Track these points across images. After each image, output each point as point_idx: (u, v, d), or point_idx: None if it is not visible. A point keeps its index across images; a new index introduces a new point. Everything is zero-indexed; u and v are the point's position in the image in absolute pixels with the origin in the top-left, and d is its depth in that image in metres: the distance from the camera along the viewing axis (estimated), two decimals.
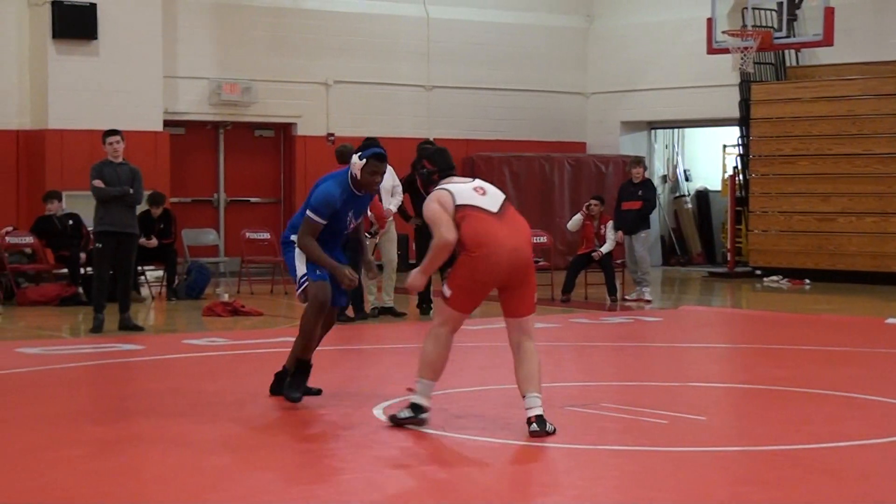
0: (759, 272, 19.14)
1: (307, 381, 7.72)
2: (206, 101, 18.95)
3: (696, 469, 6.12)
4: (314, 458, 6.38)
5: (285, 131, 20.00)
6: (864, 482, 5.83)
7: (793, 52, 19.77)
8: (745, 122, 19.66)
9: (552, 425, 6.69)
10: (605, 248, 15.22)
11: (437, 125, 20.58)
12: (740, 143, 20.06)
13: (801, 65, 19.86)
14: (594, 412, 7.33)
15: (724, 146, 22.05)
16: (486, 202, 6.88)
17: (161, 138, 18.04)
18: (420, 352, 6.94)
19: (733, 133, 20.67)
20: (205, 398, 7.98)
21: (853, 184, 18.29)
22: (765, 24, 18.98)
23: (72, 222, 15.60)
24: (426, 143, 13.92)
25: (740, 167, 20.12)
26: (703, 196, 22.88)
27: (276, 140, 20.10)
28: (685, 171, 23.14)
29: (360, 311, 12.97)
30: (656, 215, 20.14)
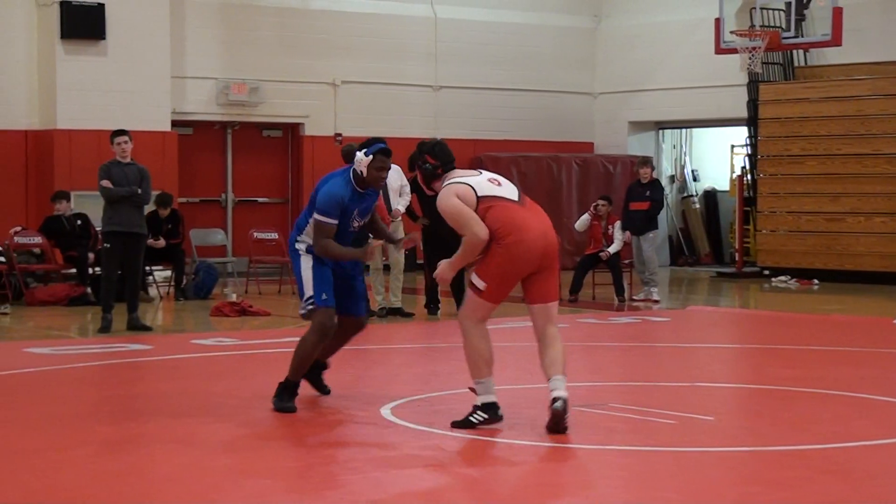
0: (767, 272, 19.11)
1: (296, 396, 7.51)
2: (214, 101, 18.98)
3: (704, 469, 6.11)
4: (321, 459, 6.38)
5: (293, 131, 20.02)
6: (872, 482, 5.82)
7: (801, 52, 19.73)
8: (753, 122, 19.62)
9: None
10: (612, 249, 15.21)
11: (444, 125, 20.58)
12: (748, 143, 20.03)
13: (809, 65, 19.83)
14: (602, 412, 7.32)
15: (732, 146, 22.03)
16: (505, 192, 6.93)
17: (169, 138, 18.05)
18: (466, 353, 6.84)
19: (741, 133, 20.64)
20: (212, 398, 7.99)
21: (862, 184, 18.25)
22: (773, 24, 18.95)
23: (80, 222, 15.62)
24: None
25: (748, 167, 20.09)
26: (710, 196, 22.86)
27: (284, 140, 20.12)
28: (693, 171, 23.12)
29: (368, 310, 12.93)
30: (664, 215, 20.10)
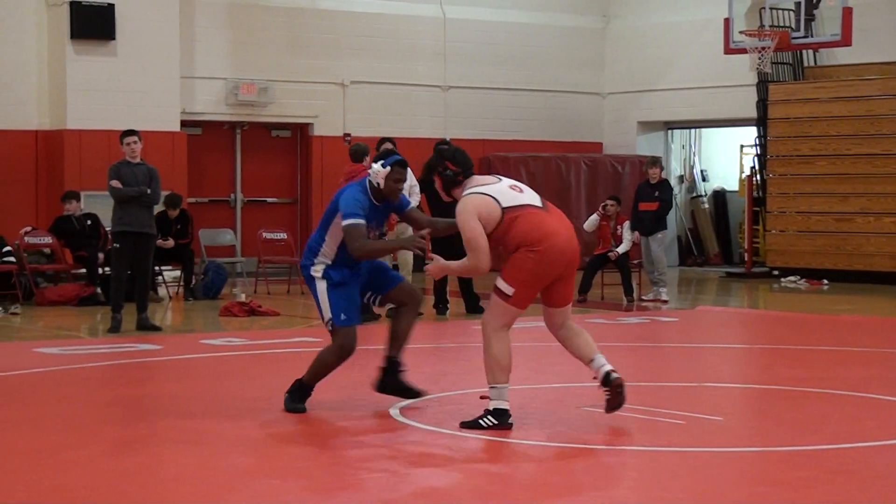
0: (776, 272, 19.08)
1: (307, 397, 7.48)
2: (223, 101, 19.00)
3: (712, 470, 6.10)
4: (331, 459, 6.38)
5: (302, 131, 20.03)
6: (882, 483, 5.81)
7: (811, 52, 19.70)
8: (762, 122, 19.60)
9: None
10: (621, 249, 15.19)
11: (453, 125, 20.58)
12: (758, 143, 20.01)
13: (819, 65, 19.79)
14: (611, 412, 7.30)
15: (742, 146, 22.01)
16: (529, 199, 6.95)
17: (178, 138, 18.08)
18: (486, 358, 6.83)
19: (751, 133, 20.62)
20: (222, 398, 8.00)
21: (872, 184, 18.22)
22: (782, 24, 18.93)
23: (90, 222, 15.65)
24: (442, 143, 13.93)
25: (758, 167, 20.07)
26: (720, 196, 22.83)
27: (293, 140, 20.13)
28: (702, 171, 23.09)
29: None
30: (673, 215, 20.09)
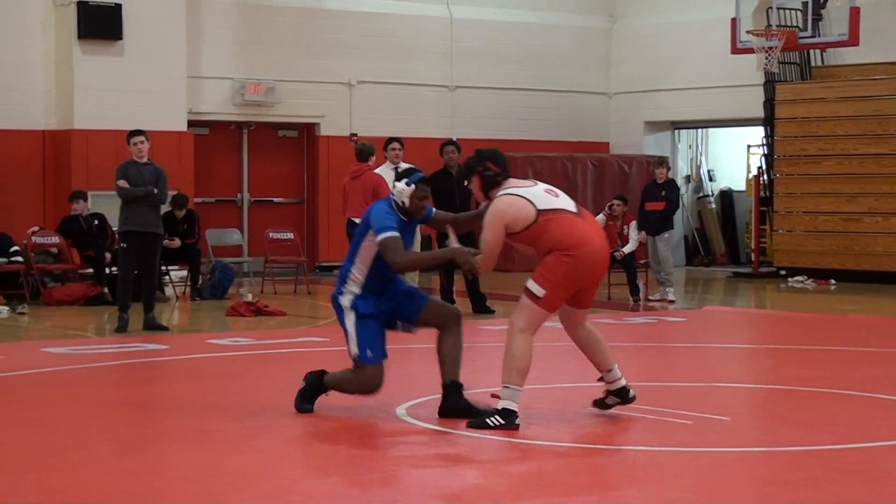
0: (783, 272, 19.06)
1: (316, 398, 7.45)
2: (230, 101, 19.01)
3: (720, 470, 6.10)
4: (338, 459, 6.39)
5: (308, 131, 20.04)
6: (890, 483, 5.80)
7: (818, 51, 19.68)
8: (769, 122, 19.58)
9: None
10: (627, 249, 15.19)
11: (459, 125, 20.58)
12: (765, 143, 19.99)
13: (826, 64, 19.77)
14: (617, 413, 7.30)
15: (749, 146, 21.98)
16: (564, 203, 6.95)
17: (185, 138, 18.10)
18: (505, 357, 6.84)
19: (758, 133, 20.60)
20: (228, 398, 8.00)
21: (879, 184, 18.19)
22: (789, 23, 18.91)
23: (97, 222, 15.67)
24: (449, 143, 13.93)
25: (765, 167, 20.05)
26: (727, 196, 22.81)
27: (300, 140, 20.14)
28: (709, 171, 23.07)
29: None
30: (680, 215, 20.08)
